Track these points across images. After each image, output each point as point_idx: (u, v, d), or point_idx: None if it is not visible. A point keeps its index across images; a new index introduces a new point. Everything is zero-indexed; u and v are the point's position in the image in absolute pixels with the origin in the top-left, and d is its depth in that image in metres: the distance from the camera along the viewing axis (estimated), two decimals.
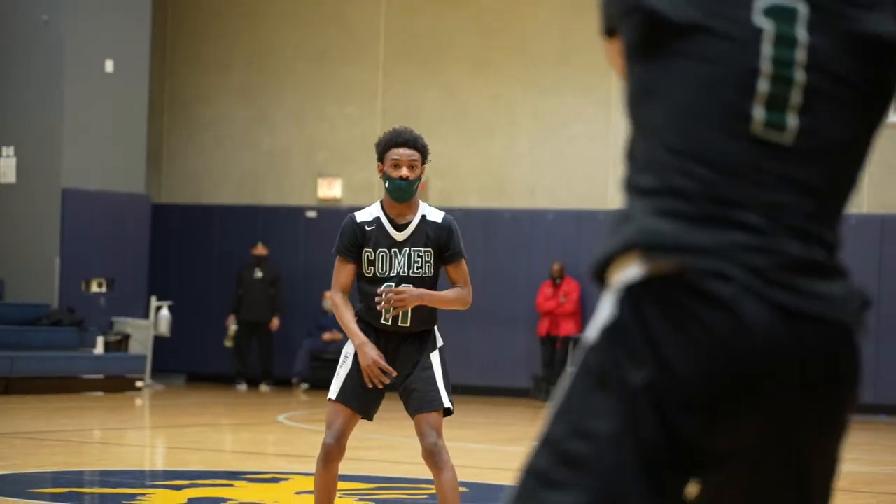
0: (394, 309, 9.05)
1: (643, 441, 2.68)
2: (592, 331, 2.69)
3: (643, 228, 2.65)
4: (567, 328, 26.48)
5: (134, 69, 28.72)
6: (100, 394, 27.08)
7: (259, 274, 28.84)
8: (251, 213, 30.03)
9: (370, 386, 9.23)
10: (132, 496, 13.20)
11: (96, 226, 29.13)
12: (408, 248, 9.43)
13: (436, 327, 9.65)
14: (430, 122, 27.45)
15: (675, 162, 2.74)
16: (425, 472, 10.40)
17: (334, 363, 26.00)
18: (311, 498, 11.83)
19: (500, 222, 27.79)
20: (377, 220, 9.47)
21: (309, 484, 12.92)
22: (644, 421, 2.66)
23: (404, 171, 9.27)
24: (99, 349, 27.78)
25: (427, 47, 29.13)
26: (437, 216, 9.55)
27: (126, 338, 27.93)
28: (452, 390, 20.77)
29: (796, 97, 2.75)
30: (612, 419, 2.67)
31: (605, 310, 2.69)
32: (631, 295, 2.65)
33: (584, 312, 26.70)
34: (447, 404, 9.33)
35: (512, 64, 28.27)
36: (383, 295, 9.10)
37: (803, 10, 2.76)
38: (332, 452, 9.40)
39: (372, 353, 9.17)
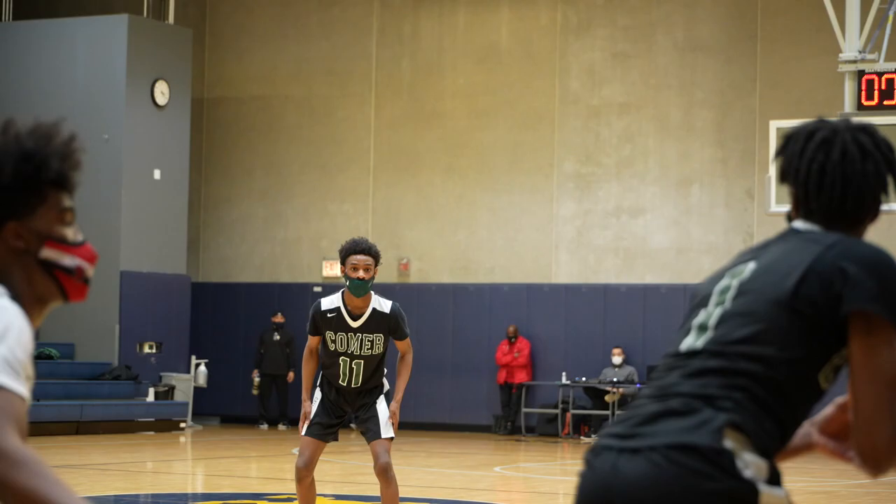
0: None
1: None
2: None
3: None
4: (520, 377, 28.59)
5: (176, 176, 30.76)
6: (151, 433, 28.87)
7: (277, 337, 30.76)
8: (270, 289, 32.02)
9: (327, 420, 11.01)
10: None
11: (148, 300, 30.92)
12: (360, 334, 10.91)
13: (384, 378, 11.28)
14: (409, 217, 31.14)
15: None
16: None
17: None
18: None
19: (466, 294, 30.13)
20: (337, 309, 10.94)
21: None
22: None
23: (360, 273, 10.69)
24: (150, 398, 29.96)
25: (407, 158, 31.11)
26: (385, 307, 10.93)
27: (172, 388, 30.00)
28: (429, 427, 25.37)
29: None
30: None
31: None
32: None
33: (534, 364, 28.82)
34: (390, 434, 10.93)
35: (473, 170, 30.42)
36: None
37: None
38: (300, 472, 10.94)
39: (305, 407, 10.98)
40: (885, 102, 22.75)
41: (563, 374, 28.90)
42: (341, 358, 10.72)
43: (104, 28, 30.01)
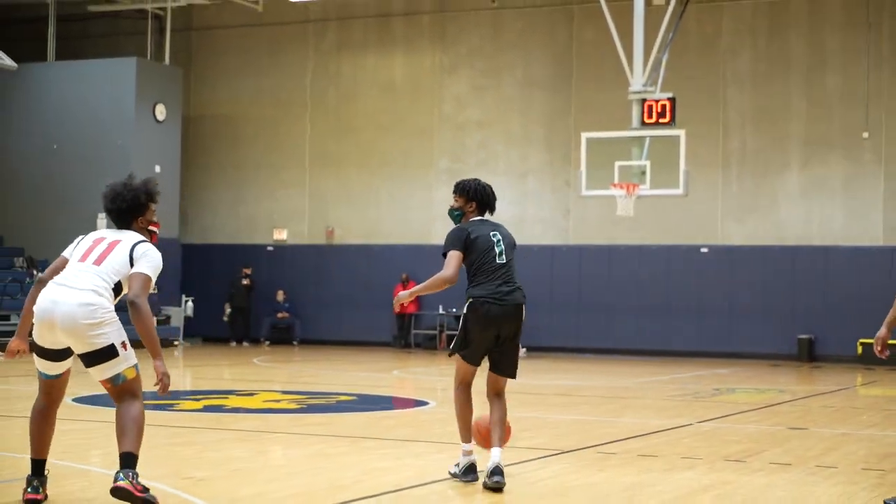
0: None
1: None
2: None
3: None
4: (411, 309, 29.91)
5: (171, 170, 31.08)
6: None
7: (245, 281, 31.87)
8: (235, 248, 32.89)
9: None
10: (170, 406, 13.25)
11: None
12: None
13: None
14: (333, 199, 32.27)
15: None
16: None
17: (284, 331, 31.77)
18: (270, 403, 16.38)
19: (373, 252, 31.22)
20: None
21: (270, 396, 17.55)
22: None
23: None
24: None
25: (331, 158, 32.14)
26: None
27: (168, 317, 30.75)
28: (346, 343, 28.35)
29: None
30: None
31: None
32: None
33: (420, 300, 29.14)
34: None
35: (377, 167, 32.01)
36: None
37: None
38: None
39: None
40: (660, 120, 23.55)
41: (440, 306, 30.11)
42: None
43: (120, 67, 30.71)
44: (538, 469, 9.71)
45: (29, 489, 7.53)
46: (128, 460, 7.27)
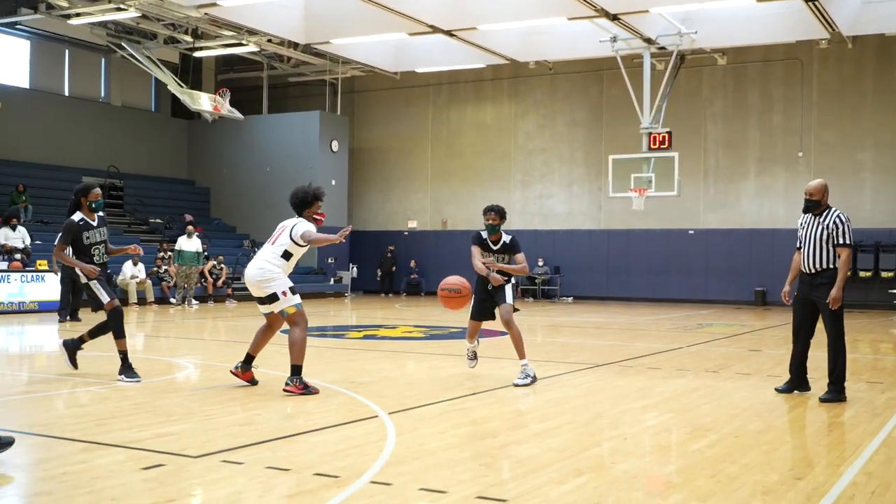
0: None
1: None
2: None
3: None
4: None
5: (341, 183, 30.14)
6: (332, 299, 28.11)
7: (389, 255, 31.27)
8: (385, 234, 32.09)
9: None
10: (342, 335, 12.61)
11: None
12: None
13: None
14: (449, 199, 31.33)
15: None
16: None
17: (415, 286, 28.96)
18: (406, 333, 16.98)
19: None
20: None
21: (406, 329, 16.92)
22: None
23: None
24: (331, 282, 29.62)
25: (445, 173, 31.35)
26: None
27: (341, 278, 29.80)
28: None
29: None
30: None
31: None
32: None
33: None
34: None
35: (477, 177, 30.78)
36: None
37: None
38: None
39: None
40: (661, 147, 23.37)
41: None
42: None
43: (309, 117, 30.31)
44: (580, 376, 9.72)
45: (234, 367, 8.55)
46: (293, 370, 7.99)
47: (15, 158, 26.30)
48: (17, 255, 20.70)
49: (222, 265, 25.07)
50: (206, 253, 24.15)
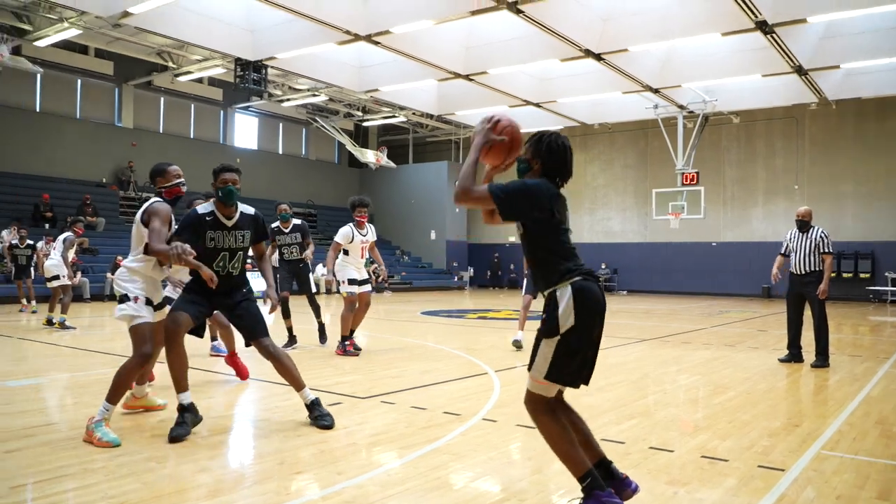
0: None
1: None
2: None
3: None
4: None
5: (462, 211, 30.49)
6: (459, 291, 26.76)
7: (495, 259, 29.98)
8: (494, 246, 30.62)
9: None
10: (462, 315, 11.59)
11: (454, 250, 29.59)
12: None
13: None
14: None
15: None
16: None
17: (514, 282, 26.42)
18: (508, 315, 15.54)
19: None
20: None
21: (508, 312, 15.12)
22: None
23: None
24: (466, 279, 29.54)
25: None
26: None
27: (461, 276, 28.73)
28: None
29: None
30: None
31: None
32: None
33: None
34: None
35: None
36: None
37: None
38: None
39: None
40: (692, 182, 22.43)
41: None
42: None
43: (440, 166, 29.66)
44: (629, 349, 9.22)
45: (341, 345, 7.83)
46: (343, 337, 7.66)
47: (244, 195, 27.20)
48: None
49: (382, 267, 25.37)
50: (371, 258, 24.56)
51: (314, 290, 8.46)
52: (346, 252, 7.71)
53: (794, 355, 7.92)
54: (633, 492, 2.96)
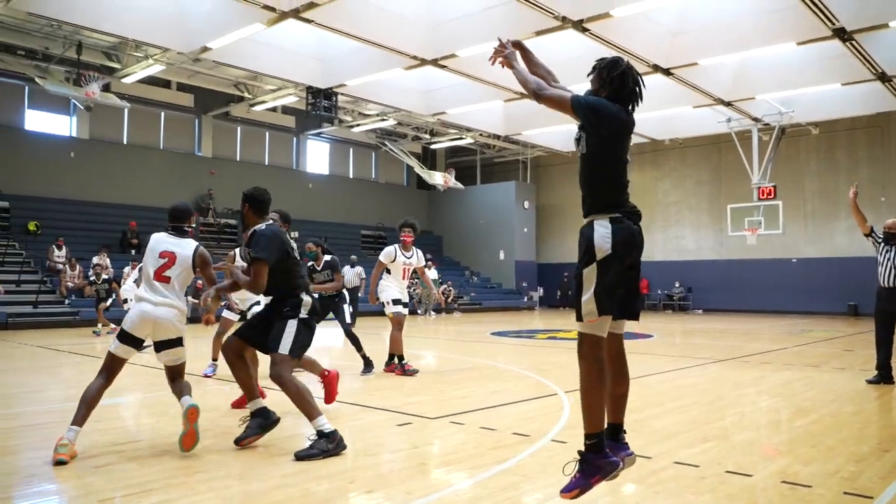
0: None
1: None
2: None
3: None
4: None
5: (531, 231, 29.32)
6: (524, 312, 27.11)
7: (565, 280, 29.67)
8: (564, 265, 30.24)
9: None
10: (532, 336, 11.27)
11: (520, 271, 29.19)
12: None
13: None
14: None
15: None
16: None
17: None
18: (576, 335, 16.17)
19: None
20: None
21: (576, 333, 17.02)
22: None
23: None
24: (536, 299, 29.19)
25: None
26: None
27: (531, 297, 28.75)
28: None
29: None
30: None
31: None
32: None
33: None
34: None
35: None
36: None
37: None
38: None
39: None
40: (769, 197, 21.91)
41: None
42: None
43: (509, 186, 29.58)
44: (703, 370, 8.98)
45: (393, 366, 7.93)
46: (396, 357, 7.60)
47: (317, 219, 26.63)
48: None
49: (451, 288, 24.82)
50: (440, 279, 24.10)
51: (348, 321, 7.99)
52: (388, 272, 7.68)
53: (884, 376, 7.55)
54: (626, 455, 3.17)
